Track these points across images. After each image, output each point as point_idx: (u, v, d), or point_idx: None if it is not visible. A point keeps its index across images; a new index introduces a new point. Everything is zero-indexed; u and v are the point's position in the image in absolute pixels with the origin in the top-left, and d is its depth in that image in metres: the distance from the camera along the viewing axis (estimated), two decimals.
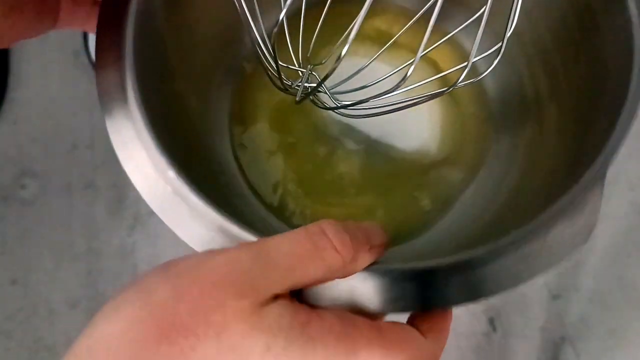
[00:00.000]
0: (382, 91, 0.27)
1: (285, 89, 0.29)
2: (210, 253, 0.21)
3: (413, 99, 0.28)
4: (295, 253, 0.20)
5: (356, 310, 0.22)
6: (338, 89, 0.30)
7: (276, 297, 0.20)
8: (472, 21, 0.30)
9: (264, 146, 0.37)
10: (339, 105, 0.30)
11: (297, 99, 0.29)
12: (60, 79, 0.45)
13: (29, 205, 0.42)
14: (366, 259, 0.22)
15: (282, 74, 0.27)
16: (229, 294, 0.19)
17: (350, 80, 0.30)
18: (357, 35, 0.22)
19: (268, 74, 0.29)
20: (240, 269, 0.20)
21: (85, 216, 0.42)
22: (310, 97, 0.29)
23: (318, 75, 0.31)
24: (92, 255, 0.42)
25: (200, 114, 0.35)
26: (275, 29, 0.23)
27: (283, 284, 0.20)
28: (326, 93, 0.30)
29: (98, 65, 0.27)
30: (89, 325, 0.20)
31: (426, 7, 0.31)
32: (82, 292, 0.41)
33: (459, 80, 0.25)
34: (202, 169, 0.32)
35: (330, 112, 0.35)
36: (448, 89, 0.26)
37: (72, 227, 0.42)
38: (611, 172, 0.27)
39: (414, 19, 0.32)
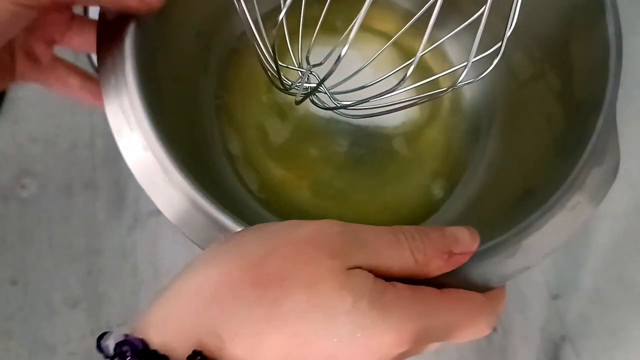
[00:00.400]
0: (381, 91, 0.27)
1: (285, 90, 0.29)
2: (298, 221, 0.22)
3: (412, 99, 0.28)
4: (380, 240, 0.22)
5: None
6: (337, 89, 0.30)
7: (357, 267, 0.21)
8: (464, 22, 0.30)
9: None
10: (338, 105, 0.30)
11: (297, 99, 0.29)
12: None
13: (29, 204, 0.42)
14: (441, 266, 0.22)
15: (281, 74, 0.27)
16: (322, 252, 0.20)
17: (349, 80, 0.30)
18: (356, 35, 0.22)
19: (268, 74, 0.29)
20: (331, 234, 0.21)
21: (85, 216, 0.42)
22: (310, 97, 0.29)
23: (318, 75, 0.31)
24: (92, 255, 0.42)
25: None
26: (275, 30, 0.23)
27: (366, 261, 0.21)
28: (326, 93, 0.30)
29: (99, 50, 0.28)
30: (182, 271, 0.21)
31: (426, 6, 0.31)
32: (82, 292, 0.41)
33: (459, 80, 0.25)
34: (186, 143, 0.33)
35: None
36: (448, 89, 0.26)
37: (72, 227, 0.42)
38: None
39: (415, 17, 0.32)
